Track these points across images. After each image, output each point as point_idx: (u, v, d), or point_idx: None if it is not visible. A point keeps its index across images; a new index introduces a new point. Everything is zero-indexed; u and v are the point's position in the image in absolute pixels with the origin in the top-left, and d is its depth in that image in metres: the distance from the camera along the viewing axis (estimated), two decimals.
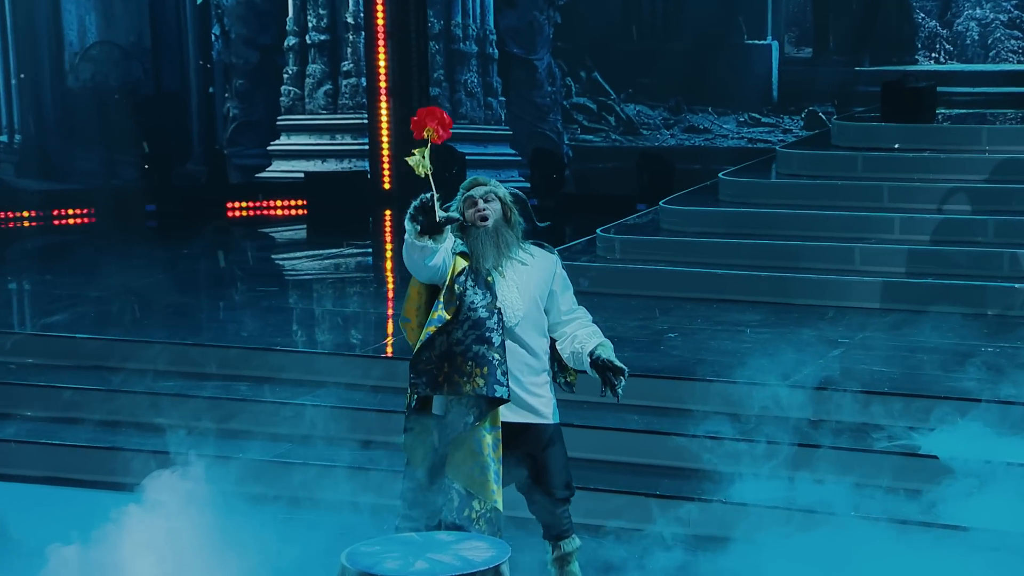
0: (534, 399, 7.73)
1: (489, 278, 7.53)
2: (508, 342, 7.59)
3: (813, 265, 13.77)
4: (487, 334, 7.46)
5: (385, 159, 19.70)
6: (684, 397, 10.45)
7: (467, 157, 19.25)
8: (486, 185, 7.64)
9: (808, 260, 13.76)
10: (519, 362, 7.68)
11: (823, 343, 11.85)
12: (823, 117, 18.40)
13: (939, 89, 16.41)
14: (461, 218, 7.47)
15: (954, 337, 12.07)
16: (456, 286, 7.43)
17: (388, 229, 18.75)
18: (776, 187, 15.07)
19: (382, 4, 19.40)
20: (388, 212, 19.24)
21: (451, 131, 8.29)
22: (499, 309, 7.50)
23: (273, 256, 17.66)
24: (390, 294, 15.26)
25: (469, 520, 7.44)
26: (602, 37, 19.44)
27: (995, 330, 12.42)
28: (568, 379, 7.97)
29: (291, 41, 19.80)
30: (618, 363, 7.50)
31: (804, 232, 14.13)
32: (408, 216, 7.22)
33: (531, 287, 7.63)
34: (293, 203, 19.33)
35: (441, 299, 7.42)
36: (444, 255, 7.40)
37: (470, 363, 7.45)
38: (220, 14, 19.63)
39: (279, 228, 18.80)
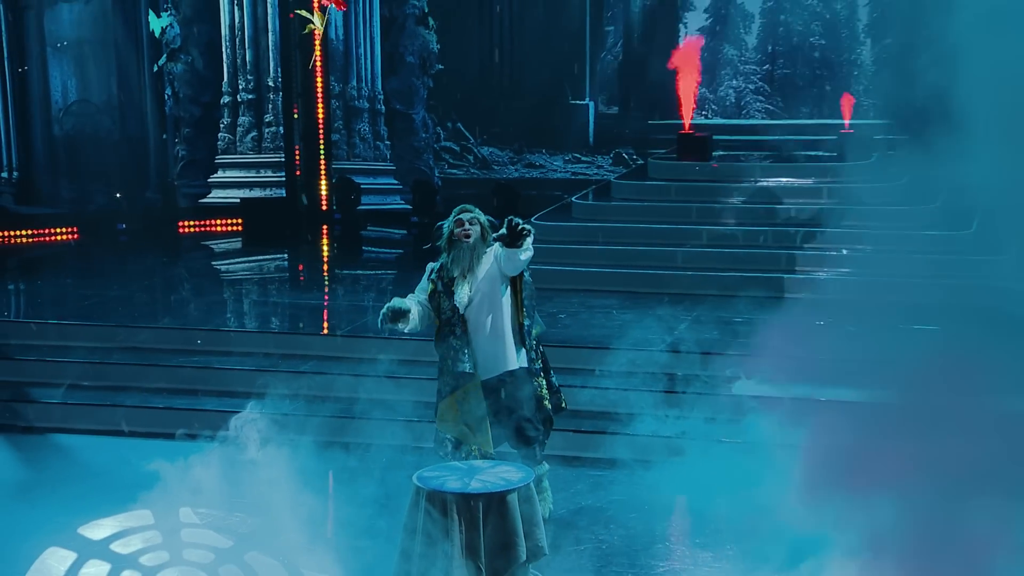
0: (500, 353, 7.99)
1: (452, 287, 7.86)
2: (473, 318, 7.90)
3: (648, 263, 13.90)
4: (453, 328, 7.90)
5: (297, 188, 19.36)
6: (586, 360, 10.60)
7: (362, 186, 19.33)
8: (472, 213, 7.97)
9: (643, 260, 13.89)
10: (484, 328, 7.95)
11: (670, 319, 11.96)
12: (626, 157, 18.55)
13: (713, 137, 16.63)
14: (402, 316, 7.82)
15: (755, 312, 12.12)
16: (432, 302, 7.94)
17: (299, 241, 18.40)
18: (614, 207, 15.18)
19: (296, 70, 19.29)
20: (298, 230, 18.78)
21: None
22: (456, 308, 7.86)
23: (238, 260, 17.39)
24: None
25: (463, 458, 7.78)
26: (463, 97, 19.39)
27: (786, 307, 12.23)
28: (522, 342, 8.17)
29: (226, 99, 19.53)
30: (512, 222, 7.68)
31: (638, 240, 14.19)
32: (380, 316, 7.82)
33: (481, 271, 7.89)
34: (230, 222, 18.95)
35: (433, 309, 7.96)
36: (415, 316, 7.90)
37: (448, 348, 7.93)
38: (171, 79, 19.33)
39: (220, 241, 18.37)
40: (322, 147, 19.45)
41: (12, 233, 17.90)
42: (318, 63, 18.55)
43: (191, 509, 8.38)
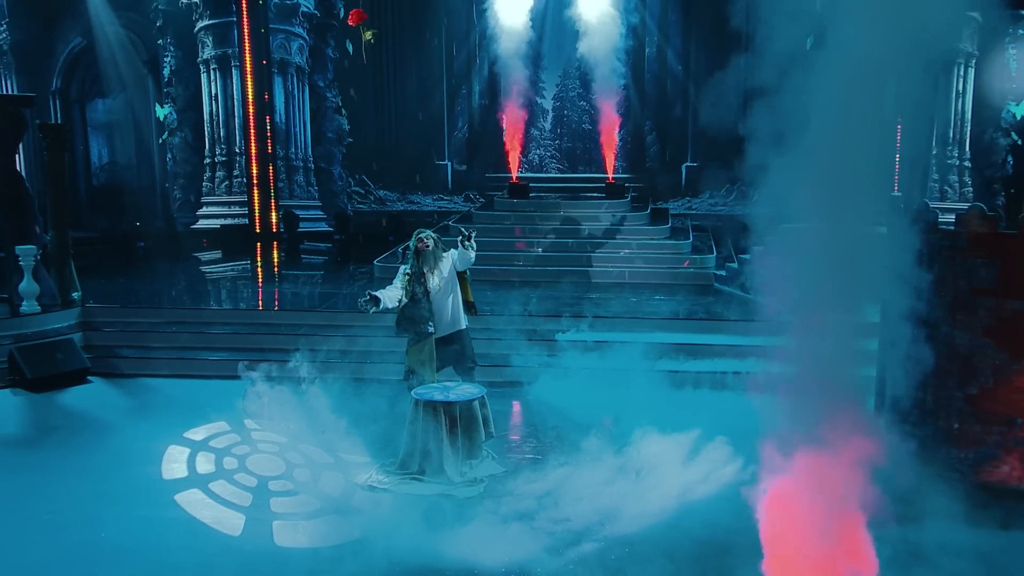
0: (451, 320, 8.00)
1: (422, 278, 7.91)
2: (437, 298, 7.91)
3: (501, 263, 13.78)
4: (422, 303, 7.85)
5: (256, 219, 19.13)
6: (481, 323, 10.13)
7: (300, 216, 19.12)
8: (426, 232, 8.05)
9: (499, 261, 13.80)
10: (445, 303, 7.96)
11: (524, 296, 12.31)
12: (472, 197, 18.83)
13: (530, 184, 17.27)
14: (374, 303, 7.58)
15: (575, 291, 12.77)
16: (407, 289, 7.85)
17: (258, 253, 18.09)
18: (476, 227, 14.64)
19: (254, 141, 18.97)
20: (258, 244, 18.66)
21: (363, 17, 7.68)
22: (427, 291, 7.87)
23: (223, 265, 16.57)
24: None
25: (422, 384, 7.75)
26: (366, 159, 19.33)
27: (587, 289, 13.08)
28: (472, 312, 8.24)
29: (207, 161, 19.18)
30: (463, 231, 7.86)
31: (494, 248, 13.78)
32: (360, 308, 7.65)
33: (443, 268, 7.97)
34: (212, 241, 18.64)
35: (405, 294, 7.88)
36: (388, 299, 7.71)
37: (417, 318, 7.86)
38: (171, 148, 18.91)
39: (207, 253, 17.86)
40: (272, 191, 19.37)
41: None
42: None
43: (253, 420, 8.50)
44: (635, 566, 5.79)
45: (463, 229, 8.01)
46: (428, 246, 7.98)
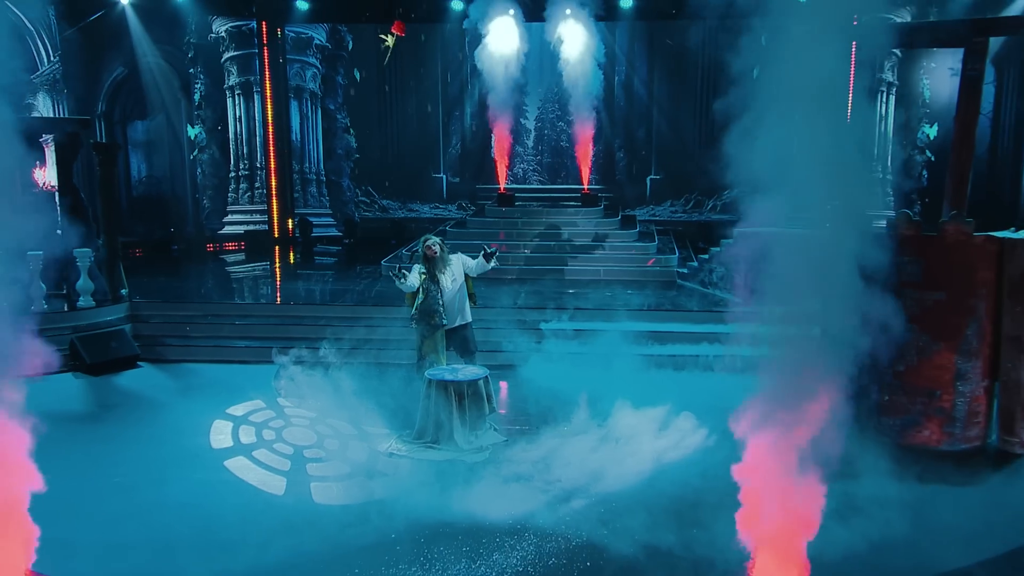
0: (459, 314, 8.04)
1: (435, 279, 7.90)
2: (448, 295, 7.89)
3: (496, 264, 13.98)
4: (436, 298, 7.86)
5: (275, 225, 19.11)
6: (477, 314, 10.52)
7: (313, 222, 19.04)
8: (432, 239, 7.99)
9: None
10: (455, 303, 7.99)
11: (513, 291, 12.30)
12: (464, 205, 18.73)
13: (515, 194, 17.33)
14: (403, 276, 7.57)
15: (557, 287, 12.78)
16: (423, 286, 7.86)
17: (276, 255, 17.91)
18: (470, 232, 15.03)
19: (273, 157, 19.01)
20: (276, 247, 18.57)
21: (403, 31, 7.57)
22: (440, 290, 7.87)
23: (248, 265, 16.23)
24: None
25: (433, 366, 7.77)
26: (371, 172, 19.23)
27: (568, 285, 13.08)
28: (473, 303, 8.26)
29: (232, 175, 19.00)
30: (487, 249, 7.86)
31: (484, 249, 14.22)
32: (391, 275, 7.69)
33: (453, 271, 7.95)
34: (237, 244, 18.74)
35: (420, 291, 7.89)
36: (411, 280, 7.70)
37: (431, 312, 7.87)
38: (200, 163, 18.80)
39: (232, 255, 17.80)
40: (289, 201, 19.40)
41: None
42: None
43: (285, 398, 8.62)
44: (619, 518, 5.92)
45: (486, 247, 8.04)
46: (436, 253, 7.93)
